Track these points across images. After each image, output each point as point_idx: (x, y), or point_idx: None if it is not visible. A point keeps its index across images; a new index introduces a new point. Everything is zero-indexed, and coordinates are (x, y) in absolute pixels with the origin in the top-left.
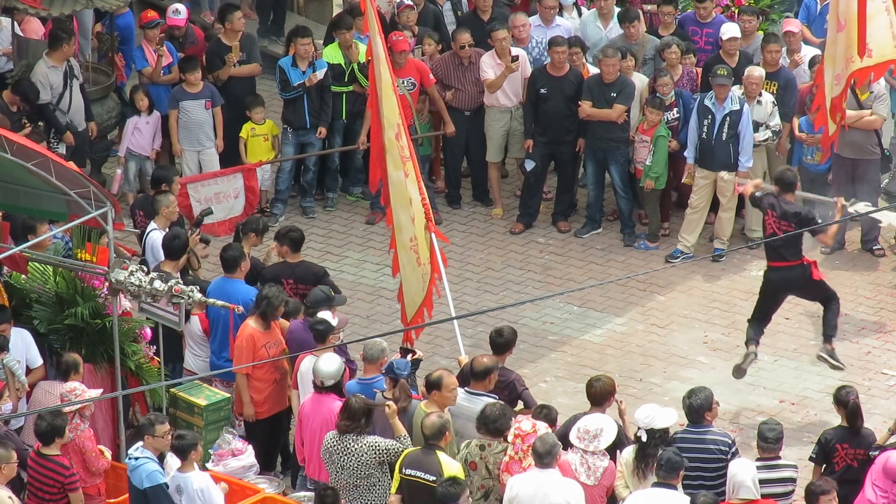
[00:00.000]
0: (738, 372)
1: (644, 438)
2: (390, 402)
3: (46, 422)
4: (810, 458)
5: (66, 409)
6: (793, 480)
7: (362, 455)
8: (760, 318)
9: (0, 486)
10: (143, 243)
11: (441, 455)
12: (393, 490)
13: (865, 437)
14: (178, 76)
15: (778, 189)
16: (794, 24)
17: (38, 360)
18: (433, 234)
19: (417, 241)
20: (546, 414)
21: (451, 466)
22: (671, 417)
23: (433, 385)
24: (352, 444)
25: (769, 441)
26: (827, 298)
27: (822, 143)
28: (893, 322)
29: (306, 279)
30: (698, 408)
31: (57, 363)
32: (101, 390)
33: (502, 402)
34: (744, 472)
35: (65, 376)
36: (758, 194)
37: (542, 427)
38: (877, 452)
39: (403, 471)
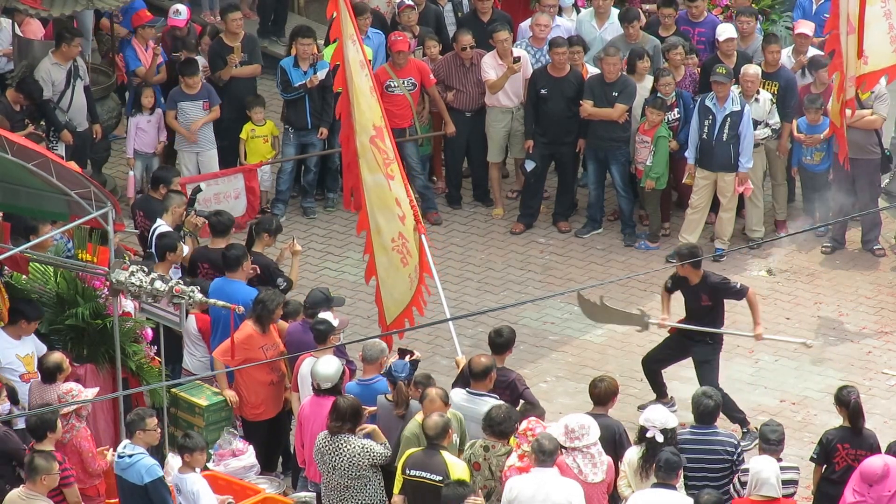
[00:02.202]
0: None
1: (661, 439)
2: (367, 426)
3: (37, 416)
4: (811, 459)
5: (65, 410)
6: (794, 482)
7: (354, 456)
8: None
9: (41, 497)
10: (149, 239)
11: (446, 455)
12: (396, 490)
13: (867, 438)
14: (164, 76)
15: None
16: (807, 27)
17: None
18: (423, 236)
19: (407, 239)
20: (538, 413)
21: (457, 466)
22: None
23: (421, 399)
24: (344, 444)
25: (771, 443)
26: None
27: (840, 153)
28: (894, 322)
29: (220, 265)
30: (714, 408)
31: (41, 367)
32: (98, 388)
33: (508, 405)
34: (768, 469)
35: (51, 378)
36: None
37: (539, 428)
38: None
39: (407, 472)
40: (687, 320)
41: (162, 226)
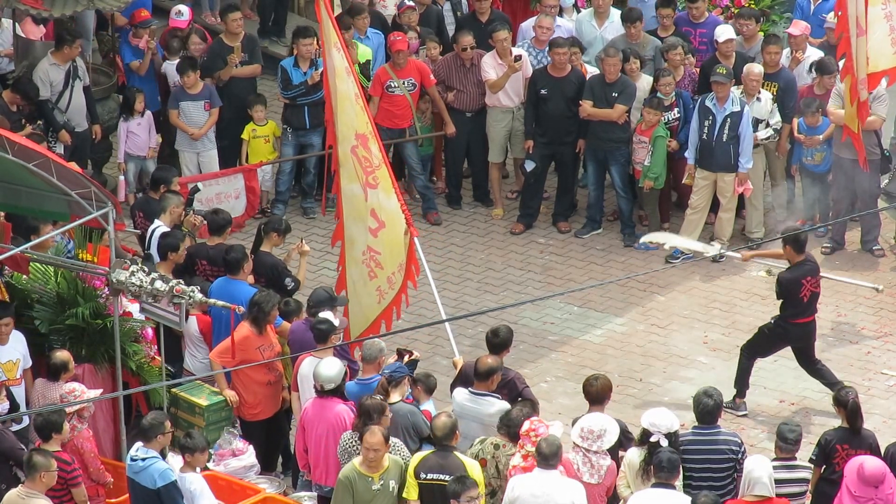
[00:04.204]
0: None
1: (665, 444)
2: None
3: (43, 417)
4: (810, 460)
5: (68, 410)
6: (807, 481)
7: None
8: (756, 356)
9: (39, 496)
10: (148, 240)
11: (460, 455)
12: (414, 496)
13: (865, 438)
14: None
15: (790, 249)
16: (795, 27)
17: (29, 361)
18: (416, 240)
19: (377, 252)
20: (530, 407)
21: (473, 467)
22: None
23: (362, 434)
24: None
25: (789, 442)
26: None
27: (860, 157)
28: (893, 323)
29: (218, 262)
30: (715, 408)
31: (47, 363)
32: (100, 390)
33: (529, 409)
34: (760, 468)
35: (55, 376)
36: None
37: (541, 428)
38: None
39: (421, 476)
40: (782, 310)
41: (161, 226)
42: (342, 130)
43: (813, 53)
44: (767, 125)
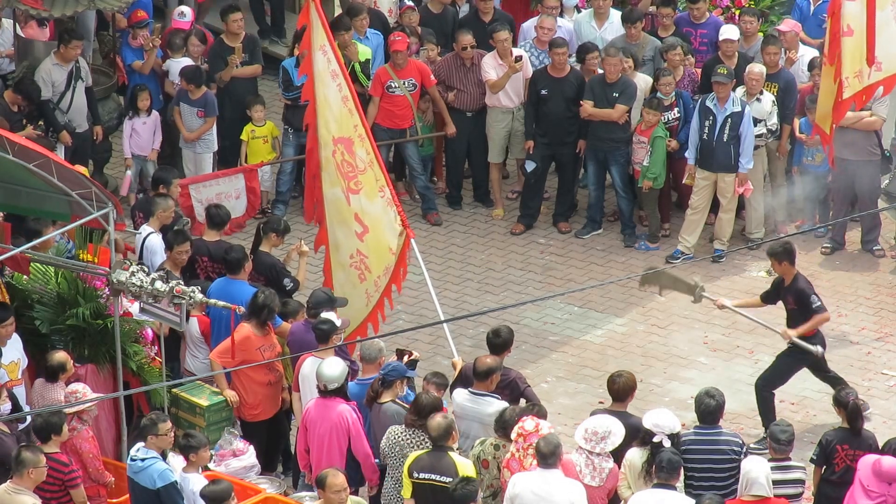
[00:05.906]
0: None
1: (668, 444)
2: None
3: (42, 418)
4: (811, 460)
5: (69, 411)
6: (802, 482)
7: None
8: (775, 386)
9: (27, 493)
10: (140, 246)
11: (454, 455)
12: (408, 495)
13: (866, 439)
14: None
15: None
16: (783, 25)
17: (26, 360)
18: (413, 241)
19: (365, 255)
20: (537, 412)
21: (465, 467)
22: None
23: (318, 484)
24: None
25: (781, 442)
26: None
27: (829, 156)
28: (893, 323)
29: (218, 259)
30: (716, 408)
31: (45, 365)
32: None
33: (521, 408)
34: (758, 469)
35: (53, 378)
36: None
37: (545, 426)
38: None
39: (415, 475)
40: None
41: (152, 232)
42: (323, 134)
43: (807, 52)
44: (764, 125)
